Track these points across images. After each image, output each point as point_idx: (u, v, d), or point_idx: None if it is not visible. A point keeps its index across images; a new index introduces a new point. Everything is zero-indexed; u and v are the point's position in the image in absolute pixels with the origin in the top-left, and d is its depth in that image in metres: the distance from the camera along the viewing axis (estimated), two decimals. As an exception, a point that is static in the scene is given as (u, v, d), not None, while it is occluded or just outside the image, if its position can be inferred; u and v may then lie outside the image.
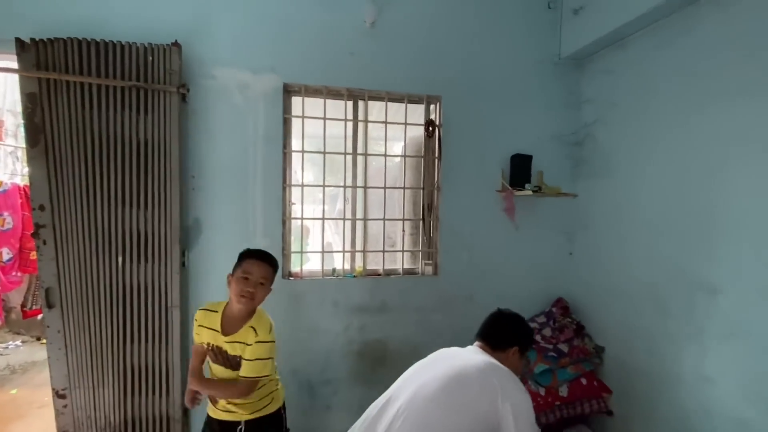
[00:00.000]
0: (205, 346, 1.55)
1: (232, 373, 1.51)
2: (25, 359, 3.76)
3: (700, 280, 1.88)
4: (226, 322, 1.52)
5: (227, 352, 1.49)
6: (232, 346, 1.49)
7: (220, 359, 1.51)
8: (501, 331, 1.48)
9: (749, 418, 1.68)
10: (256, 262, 1.53)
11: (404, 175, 2.60)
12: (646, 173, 2.19)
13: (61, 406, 2.03)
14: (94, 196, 1.98)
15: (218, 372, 1.55)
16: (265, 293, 1.54)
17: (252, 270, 1.50)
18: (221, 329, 1.50)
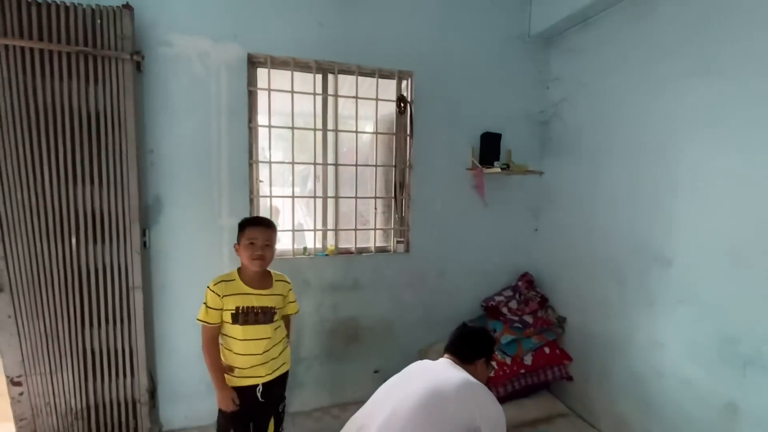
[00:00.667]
0: (229, 315, 1.59)
1: (263, 328, 1.62)
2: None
3: (655, 252, 1.99)
4: (252, 282, 1.64)
5: (262, 306, 1.62)
6: (269, 299, 1.65)
7: (252, 318, 1.60)
8: (469, 345, 1.57)
9: (695, 377, 1.82)
10: (258, 228, 1.62)
11: (376, 153, 2.56)
12: (608, 151, 2.27)
13: (17, 393, 1.93)
14: (41, 172, 1.84)
15: (246, 333, 1.60)
16: (272, 253, 1.66)
17: (256, 235, 1.60)
18: (251, 288, 1.62)
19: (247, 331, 1.60)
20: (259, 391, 1.66)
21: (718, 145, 1.72)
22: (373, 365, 2.63)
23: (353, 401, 2.59)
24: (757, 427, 1.57)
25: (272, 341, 1.67)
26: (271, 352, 1.67)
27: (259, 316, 1.62)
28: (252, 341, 1.61)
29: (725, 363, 1.68)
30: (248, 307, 1.61)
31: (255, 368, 1.64)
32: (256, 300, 1.62)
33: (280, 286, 1.71)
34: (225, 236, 2.25)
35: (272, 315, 1.66)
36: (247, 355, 1.62)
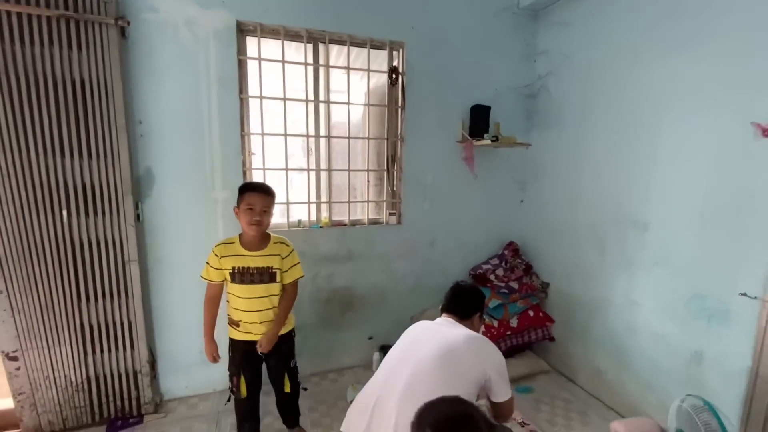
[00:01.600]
0: (227, 274, 1.71)
1: (260, 287, 1.71)
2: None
3: (633, 218, 2.12)
4: (248, 245, 1.72)
5: (257, 267, 1.70)
6: (264, 259, 1.71)
7: (247, 278, 1.70)
8: (465, 302, 1.67)
9: (666, 332, 1.99)
10: (256, 194, 1.67)
11: (368, 126, 2.58)
12: (592, 123, 2.36)
13: (13, 368, 1.92)
14: (26, 144, 1.78)
15: (244, 291, 1.71)
16: (269, 218, 1.72)
17: (255, 201, 1.65)
18: (247, 250, 1.70)
19: (245, 290, 1.71)
20: (260, 346, 1.75)
21: (692, 117, 1.83)
22: (367, 332, 2.73)
23: (349, 366, 2.71)
24: (717, 370, 1.76)
25: (271, 301, 1.75)
26: (271, 311, 1.76)
27: (255, 276, 1.71)
28: (251, 299, 1.72)
29: (693, 317, 1.85)
30: (244, 268, 1.70)
31: (255, 325, 1.74)
32: (252, 261, 1.71)
33: (277, 247, 1.76)
34: (219, 209, 2.25)
35: (271, 275, 1.73)
36: (248, 311, 1.73)
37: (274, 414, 2.06)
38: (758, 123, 1.57)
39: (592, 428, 2.13)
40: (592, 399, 2.39)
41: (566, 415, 2.24)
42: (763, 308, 1.58)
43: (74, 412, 2.03)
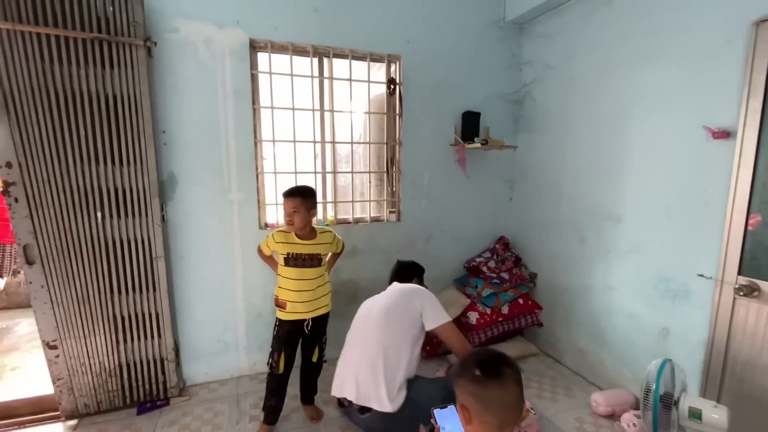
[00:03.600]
0: (282, 258, 2.02)
1: (309, 270, 2.02)
2: (-23, 330, 3.60)
3: (610, 212, 2.37)
4: (301, 236, 2.01)
5: (308, 253, 2.01)
6: (313, 247, 2.02)
7: (300, 262, 2.00)
8: (403, 272, 2.25)
9: (638, 312, 2.24)
10: (285, 199, 1.96)
11: (369, 132, 2.81)
12: (572, 127, 2.61)
13: (53, 356, 2.12)
14: (65, 153, 1.98)
15: (297, 274, 2.00)
16: (302, 216, 1.95)
17: (285, 205, 1.95)
18: (300, 240, 2.00)
19: (297, 273, 1.99)
20: (307, 326, 2.04)
21: (654, 122, 2.08)
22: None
23: (354, 353, 2.92)
24: (681, 341, 2.01)
25: (317, 282, 2.05)
26: (317, 291, 2.04)
27: (306, 261, 2.00)
28: (301, 281, 2.00)
29: (660, 297, 2.11)
30: (297, 254, 1.99)
31: (303, 304, 2.00)
32: (304, 248, 2.00)
33: (324, 236, 2.07)
34: (235, 210, 2.47)
35: (318, 260, 2.04)
36: (298, 291, 1.99)
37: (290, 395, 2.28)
38: (709, 126, 1.82)
39: (575, 401, 2.37)
40: (576, 376, 2.64)
41: (553, 390, 2.48)
42: (716, 286, 1.83)
43: (108, 396, 2.23)
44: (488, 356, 0.95)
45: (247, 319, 2.60)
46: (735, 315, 1.77)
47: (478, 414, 0.89)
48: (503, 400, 0.88)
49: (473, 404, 0.90)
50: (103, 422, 2.16)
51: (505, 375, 0.90)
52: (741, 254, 1.74)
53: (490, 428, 0.88)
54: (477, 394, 0.89)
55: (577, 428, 2.11)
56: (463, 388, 0.93)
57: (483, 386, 0.89)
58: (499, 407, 0.88)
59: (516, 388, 0.90)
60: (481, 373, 0.90)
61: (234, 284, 2.53)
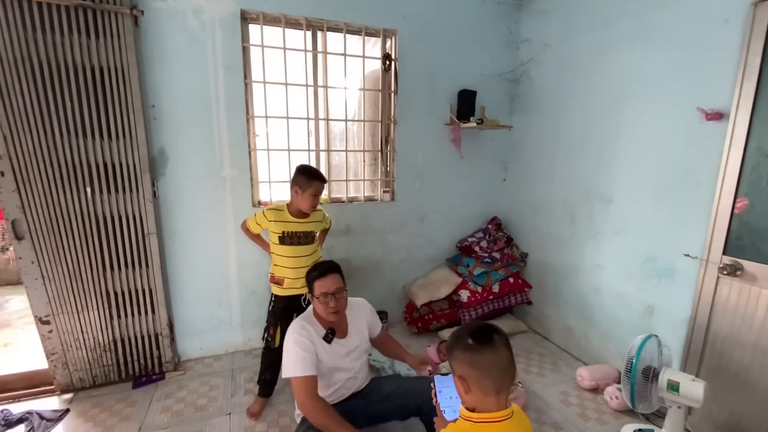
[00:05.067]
0: (276, 237, 2.01)
1: (304, 247, 2.04)
2: (-35, 307, 3.58)
3: (600, 193, 2.40)
4: (296, 214, 2.01)
5: (303, 231, 2.03)
6: (307, 225, 2.04)
7: (295, 240, 2.02)
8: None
9: (625, 290, 2.30)
10: (319, 183, 1.95)
11: (363, 109, 2.77)
12: (567, 108, 2.60)
13: (46, 331, 2.12)
14: (51, 126, 1.93)
15: (292, 251, 2.02)
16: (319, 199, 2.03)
17: (319, 190, 1.96)
18: (295, 218, 2.01)
19: (292, 250, 2.02)
20: (304, 300, 2.05)
21: (648, 103, 2.08)
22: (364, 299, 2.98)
23: (348, 330, 2.97)
24: (665, 320, 2.07)
25: (312, 258, 2.07)
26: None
27: (300, 239, 2.03)
28: (296, 258, 2.02)
29: (647, 277, 2.16)
30: (292, 232, 2.01)
31: (300, 279, 1.98)
32: (298, 226, 2.02)
33: (315, 215, 2.09)
34: (228, 187, 2.44)
35: (312, 238, 2.07)
36: (295, 268, 2.01)
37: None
38: (702, 108, 1.83)
39: (561, 375, 2.45)
40: (563, 353, 2.72)
41: (540, 365, 2.56)
42: (701, 266, 1.88)
43: (103, 370, 2.25)
44: (478, 326, 0.98)
45: (241, 296, 2.61)
46: (718, 293, 1.82)
47: (475, 380, 0.93)
48: (498, 364, 0.92)
49: (470, 372, 0.94)
50: (98, 396, 2.18)
51: (496, 340, 0.94)
52: (727, 235, 1.78)
53: (488, 392, 0.93)
54: (473, 361, 0.93)
55: (563, 401, 2.20)
56: (459, 359, 0.96)
57: (477, 353, 0.93)
58: (495, 371, 0.92)
59: (507, 352, 0.95)
60: (474, 342, 0.94)
61: (227, 262, 2.53)
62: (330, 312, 1.56)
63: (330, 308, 1.55)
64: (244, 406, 2.09)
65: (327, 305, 1.55)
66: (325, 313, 1.57)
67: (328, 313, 1.56)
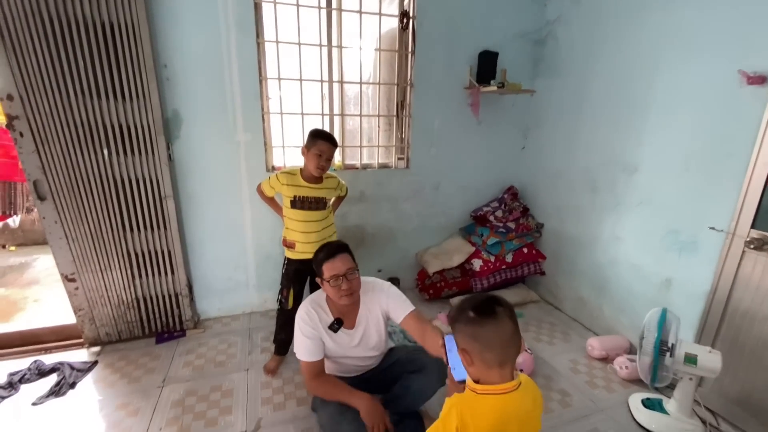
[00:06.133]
0: (288, 201, 2.01)
1: (315, 213, 2.04)
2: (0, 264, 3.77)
3: (625, 162, 2.30)
4: (309, 179, 2.00)
5: (314, 197, 2.01)
6: (319, 191, 2.02)
7: (306, 205, 2.01)
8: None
9: (642, 263, 2.26)
10: (327, 144, 1.92)
11: (379, 71, 2.67)
12: (595, 71, 2.45)
13: (72, 288, 2.21)
14: (65, 85, 1.92)
15: (303, 216, 2.02)
16: (330, 164, 2.00)
17: (325, 150, 1.91)
18: (307, 183, 2.00)
19: (303, 215, 2.02)
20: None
21: (686, 65, 1.94)
22: (377, 266, 3.02)
23: (360, 295, 3.03)
24: (682, 293, 2.04)
25: (323, 224, 2.07)
26: (323, 232, 2.07)
27: (312, 204, 2.01)
28: (308, 222, 2.02)
29: (667, 249, 2.10)
30: (304, 197, 2.00)
31: (311, 244, 2.00)
32: (310, 191, 2.00)
33: (329, 181, 2.08)
34: (242, 151, 2.43)
35: (324, 204, 2.06)
36: (305, 232, 2.03)
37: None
38: (744, 71, 1.70)
39: (571, 345, 2.47)
40: (574, 323, 2.73)
41: (550, 334, 2.58)
42: (727, 239, 1.82)
43: (127, 326, 2.36)
44: (481, 299, 0.96)
45: (257, 259, 2.66)
46: (741, 268, 1.77)
47: (478, 353, 0.92)
48: (500, 337, 0.91)
49: (472, 345, 0.93)
50: (124, 349, 2.30)
51: (499, 313, 0.92)
52: (758, 208, 1.70)
53: (491, 365, 0.92)
54: (475, 334, 0.92)
55: (571, 369, 2.22)
56: (462, 332, 0.95)
57: (480, 326, 0.92)
58: (498, 344, 0.91)
59: (511, 324, 0.92)
60: (475, 315, 0.92)
61: (243, 226, 2.56)
62: (343, 295, 1.46)
63: (342, 291, 1.45)
64: (261, 363, 2.18)
65: (339, 288, 1.44)
66: (338, 296, 1.46)
67: (341, 296, 1.45)
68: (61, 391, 1.92)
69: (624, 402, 1.96)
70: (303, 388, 2.00)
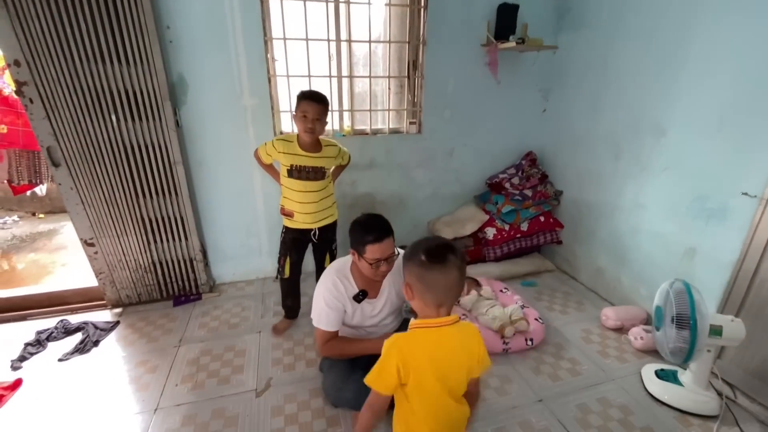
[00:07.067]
0: (285, 170, 1.91)
1: (313, 183, 1.94)
2: (30, 231, 3.96)
3: (653, 123, 2.14)
4: (305, 146, 1.89)
5: (312, 166, 1.90)
6: (319, 160, 1.91)
7: (304, 174, 1.91)
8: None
9: (666, 231, 2.14)
10: (311, 103, 1.77)
11: (389, 28, 2.52)
12: (626, 22, 2.24)
13: (92, 252, 2.29)
14: (69, 50, 1.90)
15: (301, 186, 1.93)
16: (322, 126, 1.85)
17: (308, 109, 1.77)
18: (304, 151, 1.88)
19: (300, 185, 1.92)
20: (315, 235, 2.04)
21: (729, 14, 1.73)
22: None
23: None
24: (707, 262, 1.92)
25: (321, 194, 1.98)
26: (321, 203, 1.99)
27: (310, 173, 1.91)
28: (305, 193, 1.93)
29: (693, 217, 1.97)
30: (301, 166, 1.89)
31: (309, 215, 1.98)
32: (308, 161, 1.89)
33: (329, 150, 1.97)
34: (249, 116, 2.38)
35: (322, 173, 1.95)
36: (303, 203, 1.95)
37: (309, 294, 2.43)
38: (798, 15, 1.50)
39: (585, 314, 2.42)
40: (590, 292, 2.66)
41: (564, 303, 2.53)
42: (760, 205, 1.68)
43: (146, 289, 2.45)
44: (436, 244, 1.00)
45: (268, 226, 2.68)
46: (775, 236, 1.64)
47: (420, 292, 0.99)
48: (444, 284, 0.97)
49: (417, 284, 0.99)
50: (144, 311, 2.41)
51: (449, 261, 0.96)
52: (798, 171, 1.55)
53: (429, 304, 0.99)
54: (421, 276, 0.98)
55: (584, 338, 2.18)
56: (410, 270, 1.01)
57: (427, 270, 0.97)
58: (440, 289, 0.97)
59: (457, 273, 0.97)
60: (426, 259, 0.97)
61: (254, 193, 2.56)
62: (380, 276, 1.52)
63: (380, 273, 1.49)
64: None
65: (377, 269, 1.47)
66: (372, 274, 1.49)
67: (376, 275, 1.50)
68: (86, 349, 2.03)
69: (636, 373, 1.92)
70: (312, 350, 2.05)
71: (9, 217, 4.29)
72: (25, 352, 1.99)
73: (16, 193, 3.67)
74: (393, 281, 1.65)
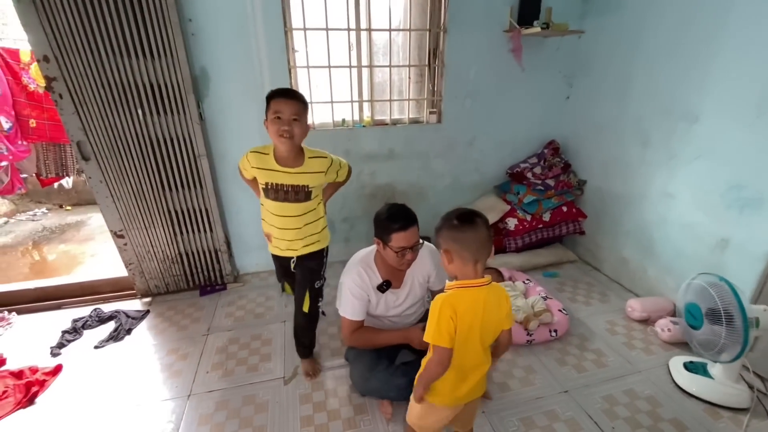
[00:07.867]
0: (263, 188, 1.58)
1: (293, 206, 1.58)
2: (59, 222, 4.09)
3: (685, 110, 2.06)
4: (282, 160, 1.52)
5: (291, 184, 1.54)
6: (298, 177, 1.53)
7: (281, 195, 1.55)
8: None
9: (695, 221, 2.08)
10: (282, 99, 1.44)
11: (410, 15, 2.48)
12: (658, 5, 2.15)
13: (122, 244, 2.36)
14: (96, 45, 1.93)
15: (277, 209, 1.59)
16: (302, 129, 1.47)
17: (281, 108, 1.43)
18: (281, 166, 1.52)
19: (277, 207, 1.58)
20: (293, 263, 1.73)
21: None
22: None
23: (391, 253, 3.05)
24: (740, 254, 1.87)
25: (304, 219, 1.62)
26: (304, 230, 1.64)
27: (289, 194, 1.55)
28: (284, 217, 1.60)
29: (726, 207, 1.91)
30: (278, 184, 1.54)
31: (286, 242, 1.66)
32: (285, 178, 1.53)
33: (315, 163, 1.56)
34: (270, 108, 2.39)
35: (305, 194, 1.57)
36: (280, 228, 1.63)
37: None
38: None
39: (609, 305, 2.39)
40: (614, 284, 2.62)
41: (587, 295, 2.50)
42: (800, 195, 1.62)
43: (173, 280, 2.52)
44: (462, 211, 1.13)
45: (289, 217, 2.70)
46: (815, 226, 1.58)
47: (457, 252, 1.10)
48: (477, 239, 1.09)
49: (453, 245, 1.10)
50: (172, 300, 2.48)
51: (477, 221, 1.10)
52: None
53: (467, 262, 1.09)
54: (455, 237, 1.10)
55: (608, 330, 2.16)
56: (445, 235, 1.12)
57: (460, 230, 1.09)
58: (474, 245, 1.09)
59: (486, 231, 1.10)
60: (458, 222, 1.10)
61: (274, 184, 2.58)
62: (405, 265, 1.52)
63: (405, 261, 1.49)
64: (297, 316, 2.28)
65: (403, 258, 1.46)
66: (398, 263, 1.49)
67: (401, 264, 1.49)
68: (119, 336, 2.11)
69: (664, 364, 1.89)
70: (336, 340, 2.08)
71: (38, 209, 4.43)
72: (63, 339, 2.08)
73: (43, 185, 3.78)
74: (416, 272, 1.66)
